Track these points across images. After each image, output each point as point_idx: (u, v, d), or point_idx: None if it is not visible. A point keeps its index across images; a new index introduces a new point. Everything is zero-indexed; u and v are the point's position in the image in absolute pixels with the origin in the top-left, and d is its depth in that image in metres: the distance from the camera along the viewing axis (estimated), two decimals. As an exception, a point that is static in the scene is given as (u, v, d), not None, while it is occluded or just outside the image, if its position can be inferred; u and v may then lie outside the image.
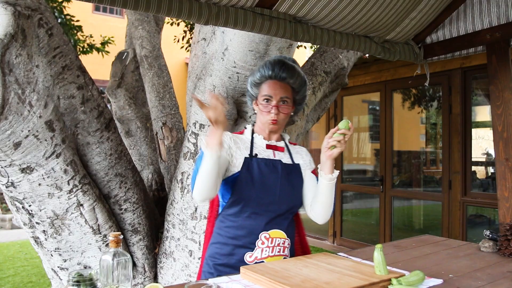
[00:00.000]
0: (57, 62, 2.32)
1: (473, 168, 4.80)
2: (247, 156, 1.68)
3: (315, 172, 1.79)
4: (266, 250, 1.62)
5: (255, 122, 1.84)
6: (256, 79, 1.75)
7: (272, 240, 1.63)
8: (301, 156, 1.82)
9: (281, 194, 1.67)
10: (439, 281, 1.46)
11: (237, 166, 1.66)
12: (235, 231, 1.64)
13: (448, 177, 4.80)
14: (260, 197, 1.63)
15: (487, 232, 1.99)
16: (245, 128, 1.83)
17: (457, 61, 4.68)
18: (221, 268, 1.63)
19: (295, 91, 1.76)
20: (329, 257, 1.62)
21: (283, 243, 1.66)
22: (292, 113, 1.79)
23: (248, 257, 1.61)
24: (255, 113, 1.85)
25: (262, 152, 1.74)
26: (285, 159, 1.77)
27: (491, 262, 1.75)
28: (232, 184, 1.63)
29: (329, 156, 1.59)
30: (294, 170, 1.76)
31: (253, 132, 1.79)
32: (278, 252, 1.64)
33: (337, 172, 1.65)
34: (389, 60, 2.37)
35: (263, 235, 1.63)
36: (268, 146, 1.77)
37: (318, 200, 1.67)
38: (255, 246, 1.62)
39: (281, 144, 1.82)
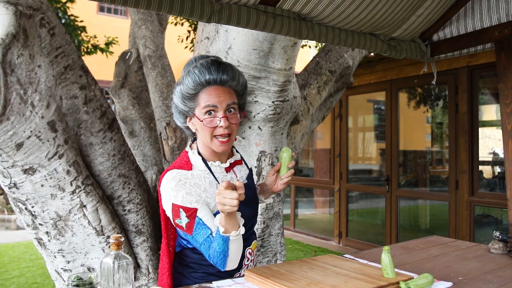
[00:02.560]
0: (59, 62, 2.30)
1: (480, 167, 4.75)
2: None
3: None
4: (250, 266, 1.55)
5: (192, 143, 1.55)
6: (189, 90, 1.40)
7: (252, 253, 1.57)
8: (248, 156, 1.67)
9: (255, 210, 1.60)
10: (448, 284, 1.43)
11: (212, 208, 1.42)
12: None
13: (455, 177, 4.75)
14: (243, 225, 1.43)
15: (497, 233, 1.95)
16: (188, 155, 1.49)
17: (463, 60, 4.63)
18: None
19: (239, 95, 1.47)
20: (335, 259, 1.59)
21: (256, 249, 1.60)
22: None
23: (236, 276, 1.51)
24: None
25: (226, 179, 1.49)
26: (244, 169, 1.59)
27: (502, 264, 1.71)
28: None
29: (278, 191, 1.59)
30: (251, 176, 1.61)
31: (204, 160, 1.47)
32: (252, 261, 1.57)
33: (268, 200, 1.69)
34: (395, 58, 2.33)
35: (247, 252, 1.53)
36: (228, 169, 1.52)
37: None
38: (242, 265, 1.51)
39: (237, 156, 1.58)
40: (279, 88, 2.41)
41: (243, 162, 1.61)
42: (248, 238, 1.53)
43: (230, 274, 1.49)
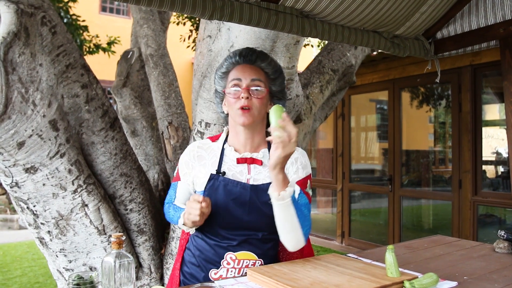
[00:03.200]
0: (61, 61, 2.29)
1: (483, 167, 4.72)
2: (214, 172, 1.47)
3: (300, 182, 1.50)
4: (232, 271, 1.49)
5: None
6: (222, 69, 1.53)
7: (238, 262, 1.49)
8: (291, 173, 1.52)
9: (253, 220, 1.47)
10: (453, 284, 1.41)
11: (200, 185, 1.48)
12: (202, 244, 1.53)
13: (458, 176, 4.72)
14: (224, 222, 1.46)
15: (502, 233, 1.92)
16: (223, 132, 1.59)
17: (467, 59, 4.60)
18: (188, 277, 1.56)
19: (270, 78, 1.51)
20: (338, 259, 1.57)
21: (253, 264, 1.49)
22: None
23: (213, 273, 1.49)
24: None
25: (233, 168, 1.49)
26: (263, 175, 1.50)
27: (507, 264, 1.69)
28: None
29: (271, 166, 1.28)
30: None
31: (225, 141, 1.53)
32: (238, 269, 1.50)
33: (290, 190, 1.30)
34: (398, 56, 2.31)
35: (228, 256, 1.48)
36: (240, 160, 1.50)
37: (277, 225, 1.40)
38: (220, 265, 1.49)
39: (259, 155, 1.51)
40: (282, 86, 2.39)
41: (267, 163, 1.47)
42: (240, 244, 1.48)
43: (207, 268, 1.50)
